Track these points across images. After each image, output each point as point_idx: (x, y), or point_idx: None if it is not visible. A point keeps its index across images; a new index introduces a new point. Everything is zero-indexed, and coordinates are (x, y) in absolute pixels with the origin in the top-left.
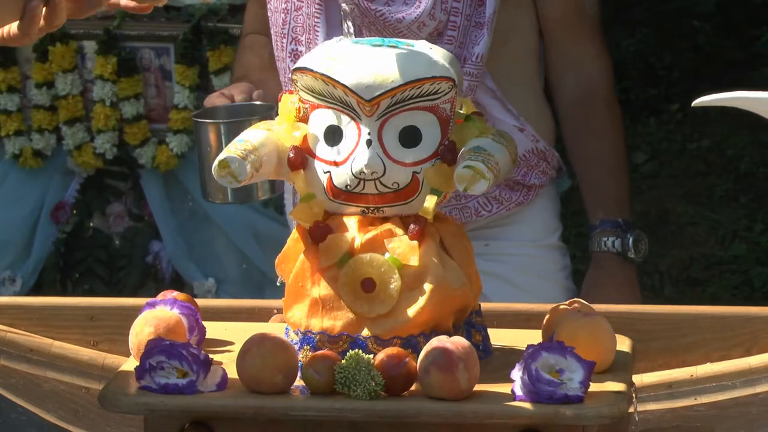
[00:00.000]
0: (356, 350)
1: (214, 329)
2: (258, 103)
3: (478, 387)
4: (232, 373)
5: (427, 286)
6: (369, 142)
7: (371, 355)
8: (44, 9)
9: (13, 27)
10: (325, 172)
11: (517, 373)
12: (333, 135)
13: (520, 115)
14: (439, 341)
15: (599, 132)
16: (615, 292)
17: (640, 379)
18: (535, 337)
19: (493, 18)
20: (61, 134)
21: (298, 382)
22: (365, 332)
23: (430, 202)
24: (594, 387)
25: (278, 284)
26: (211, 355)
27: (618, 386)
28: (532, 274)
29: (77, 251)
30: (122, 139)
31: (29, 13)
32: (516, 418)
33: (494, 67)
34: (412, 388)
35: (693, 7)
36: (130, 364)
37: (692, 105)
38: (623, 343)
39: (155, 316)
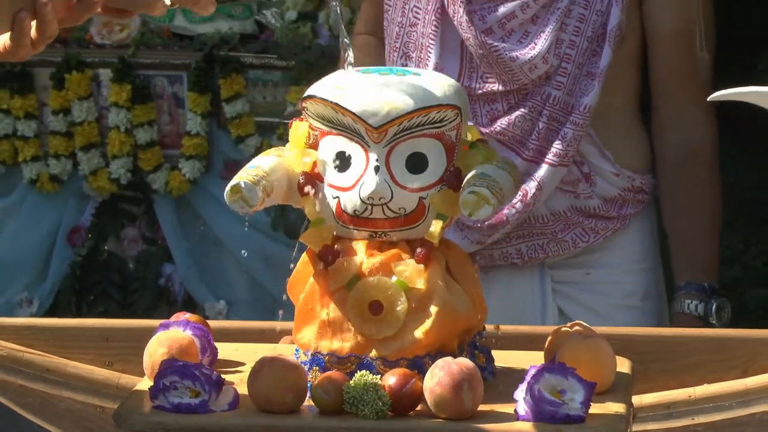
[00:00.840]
0: (364, 371)
1: (225, 350)
2: None
3: (482, 407)
4: (244, 392)
5: (433, 309)
6: (377, 169)
7: (378, 376)
8: (35, 20)
9: (6, 40)
10: (334, 198)
11: (520, 394)
12: (342, 161)
13: (617, 161)
14: (444, 362)
15: (696, 198)
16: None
17: (639, 399)
18: (537, 358)
19: (606, 71)
20: (77, 160)
21: (308, 401)
22: (373, 353)
23: (436, 226)
24: (595, 407)
25: (284, 299)
26: (222, 376)
27: (618, 407)
28: (630, 305)
29: (92, 274)
30: (136, 164)
31: (17, 24)
32: None
33: (596, 114)
34: (418, 407)
35: None
36: (144, 384)
37: (708, 99)
38: (623, 365)
39: (168, 337)
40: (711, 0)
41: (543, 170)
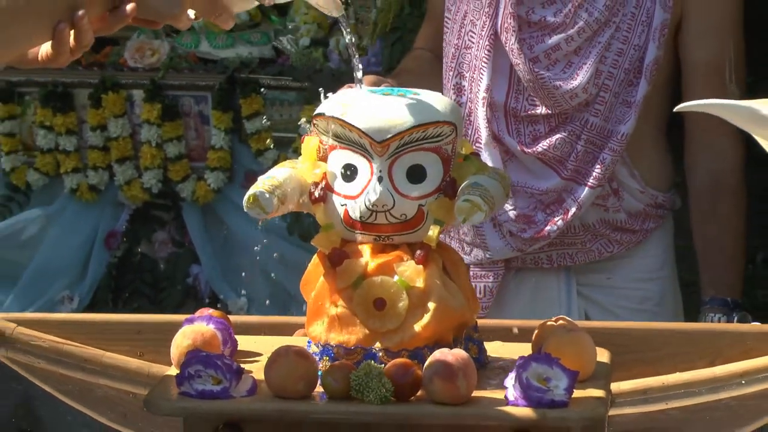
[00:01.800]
0: (369, 361)
1: (245, 342)
2: None
3: (475, 393)
4: (261, 380)
5: (431, 305)
6: (380, 179)
7: (382, 365)
8: (72, 30)
9: (47, 48)
10: (341, 205)
11: (509, 381)
12: (349, 172)
13: (643, 179)
14: (441, 353)
15: (723, 221)
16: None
17: (617, 386)
18: (525, 349)
19: (642, 101)
20: (113, 171)
21: (318, 388)
22: (377, 345)
23: (434, 231)
24: (577, 393)
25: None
26: (242, 365)
27: (598, 393)
28: (646, 309)
29: (127, 274)
30: (166, 175)
31: (58, 35)
32: (509, 420)
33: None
34: (418, 394)
35: None
36: (171, 372)
37: (674, 110)
38: (603, 355)
39: (193, 330)
40: (742, 36)
41: (584, 193)
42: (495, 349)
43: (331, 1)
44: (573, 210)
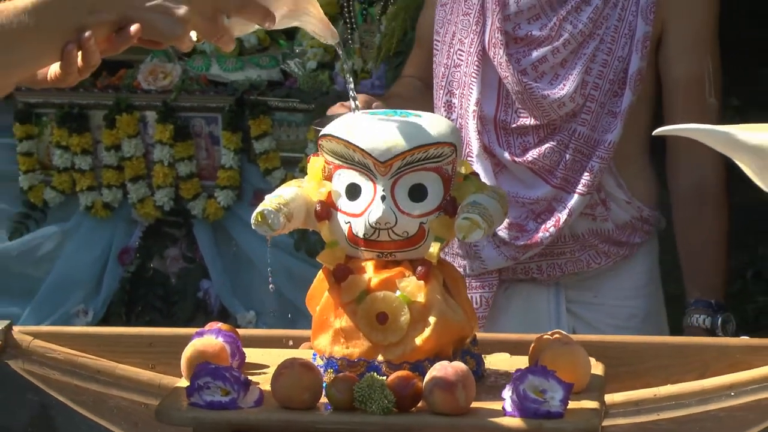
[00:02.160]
0: (372, 373)
1: (252, 354)
2: None
3: (474, 404)
4: (268, 392)
5: (432, 319)
6: (383, 198)
7: (384, 377)
8: (80, 51)
9: (56, 69)
10: (346, 223)
11: (507, 393)
12: (353, 191)
13: (629, 189)
14: (441, 365)
15: (705, 226)
16: None
17: (611, 398)
18: (522, 362)
19: (627, 111)
20: (127, 189)
21: (323, 399)
22: (379, 358)
23: (435, 248)
24: (572, 404)
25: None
26: (249, 377)
27: (592, 404)
28: (632, 326)
29: (139, 288)
30: (178, 193)
31: (66, 56)
32: (506, 430)
33: (615, 147)
34: (419, 405)
35: None
36: (181, 384)
37: (653, 133)
38: (597, 368)
39: (203, 343)
40: (719, 51)
41: (574, 200)
42: (493, 361)
43: (327, 29)
44: (564, 217)
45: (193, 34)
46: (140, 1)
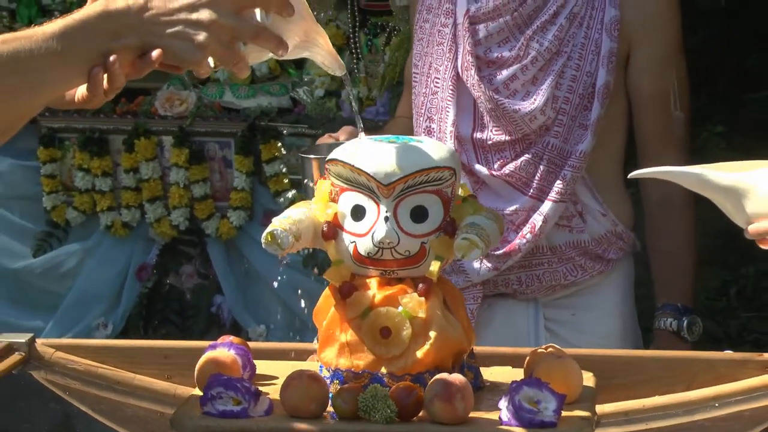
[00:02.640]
0: (375, 384)
1: (263, 366)
2: None
3: (472, 414)
4: (277, 402)
5: (432, 334)
6: (386, 219)
7: (387, 388)
8: (105, 74)
9: (83, 91)
10: (351, 242)
11: (503, 403)
12: (358, 212)
13: (604, 202)
14: (441, 377)
15: (673, 234)
16: None
17: (602, 408)
18: (518, 374)
19: (597, 122)
20: (144, 210)
21: (329, 409)
22: (383, 370)
23: (435, 266)
24: (565, 414)
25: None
26: (259, 387)
27: (584, 414)
28: (608, 344)
29: (156, 303)
30: (192, 214)
31: (92, 78)
32: None
33: (589, 163)
34: (420, 414)
35: None
36: (195, 393)
37: (629, 177)
38: (588, 380)
39: (216, 355)
40: (684, 64)
41: (547, 206)
42: (491, 373)
43: (335, 61)
44: (539, 224)
45: (211, 61)
46: (162, 28)
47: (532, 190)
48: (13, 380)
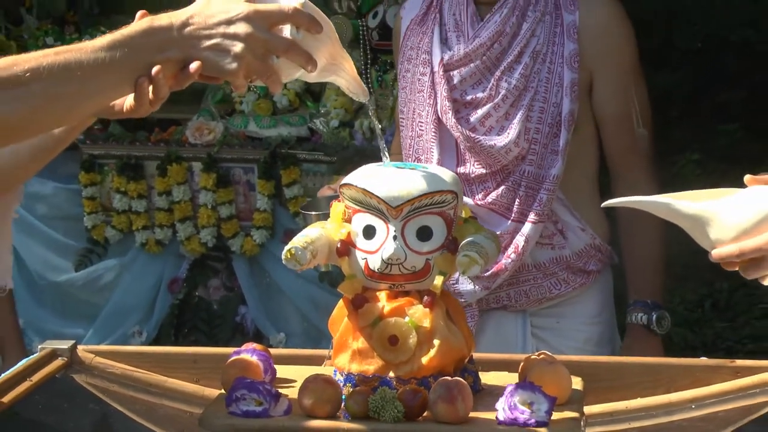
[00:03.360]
0: (384, 387)
1: (282, 370)
2: None
3: (472, 414)
4: (295, 402)
5: (436, 342)
6: (395, 237)
7: (395, 391)
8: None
9: (131, 101)
10: (362, 259)
11: (500, 404)
12: (369, 232)
13: (582, 218)
14: (444, 381)
15: (642, 238)
16: (640, 354)
17: (589, 409)
18: (513, 378)
19: (566, 148)
20: (176, 229)
21: (342, 409)
22: (391, 374)
23: (439, 280)
24: (556, 415)
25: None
26: (279, 390)
27: (573, 414)
28: (588, 348)
29: (186, 313)
30: (219, 232)
31: (138, 87)
32: None
33: (565, 184)
34: (425, 414)
35: None
36: (221, 395)
37: (602, 206)
38: (577, 383)
39: (240, 360)
40: (644, 84)
41: (528, 228)
42: (488, 377)
43: (359, 87)
44: (522, 244)
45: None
46: (201, 41)
47: (513, 215)
48: (57, 383)
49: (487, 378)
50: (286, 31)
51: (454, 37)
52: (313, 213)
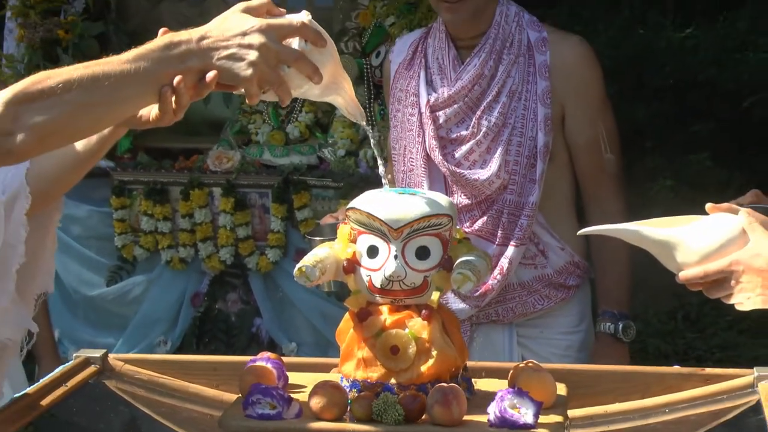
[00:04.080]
0: (386, 392)
1: (294, 377)
2: None
3: (465, 417)
4: (305, 406)
5: (434, 352)
6: (396, 257)
7: (396, 396)
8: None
9: (155, 110)
10: (367, 276)
11: (491, 408)
12: (372, 251)
13: (561, 238)
14: (440, 387)
15: (610, 253)
16: (608, 360)
17: (572, 413)
18: (503, 384)
19: (542, 176)
20: (198, 248)
21: (348, 413)
22: (392, 381)
23: (435, 296)
24: (542, 419)
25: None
26: (291, 395)
27: (558, 418)
28: (568, 355)
29: (207, 324)
30: (237, 251)
31: (162, 98)
32: None
33: (544, 208)
34: (423, 417)
35: None
36: (238, 399)
37: (577, 234)
38: (561, 389)
39: (255, 368)
40: (612, 115)
41: (511, 251)
42: (481, 383)
43: (357, 109)
44: (506, 265)
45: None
46: (218, 52)
47: (498, 239)
48: (90, 388)
49: (480, 384)
50: (295, 43)
51: (438, 79)
52: (318, 238)
